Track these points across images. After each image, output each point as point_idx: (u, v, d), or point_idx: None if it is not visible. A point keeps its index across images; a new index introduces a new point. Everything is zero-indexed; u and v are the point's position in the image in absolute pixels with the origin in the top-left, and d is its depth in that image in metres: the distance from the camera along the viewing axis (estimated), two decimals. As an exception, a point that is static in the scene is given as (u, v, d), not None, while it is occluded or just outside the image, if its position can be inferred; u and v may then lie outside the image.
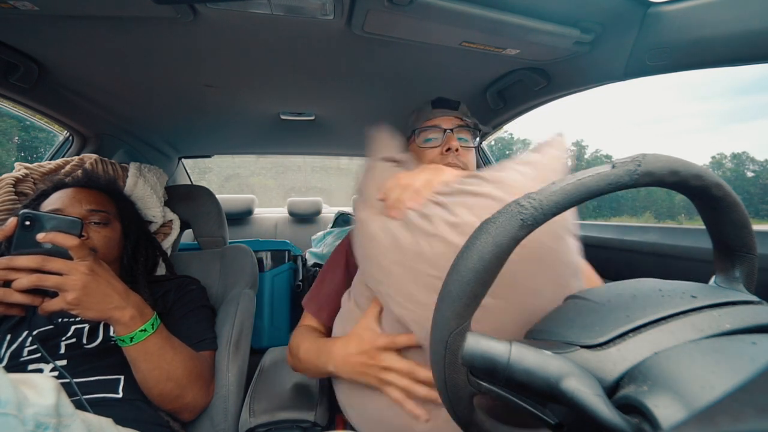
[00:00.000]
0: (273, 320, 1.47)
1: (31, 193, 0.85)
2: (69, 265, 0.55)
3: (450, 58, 0.84)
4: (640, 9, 0.65)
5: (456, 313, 0.31)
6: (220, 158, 2.13)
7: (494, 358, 0.29)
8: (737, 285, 0.35)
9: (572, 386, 0.26)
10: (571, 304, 0.35)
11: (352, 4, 0.63)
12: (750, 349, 0.24)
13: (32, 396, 0.43)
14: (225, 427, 0.78)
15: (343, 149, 1.90)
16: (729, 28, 0.59)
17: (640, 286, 0.34)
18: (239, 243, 1.14)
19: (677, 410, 0.22)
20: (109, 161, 1.01)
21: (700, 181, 0.31)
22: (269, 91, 1.03)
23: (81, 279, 0.56)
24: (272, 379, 0.92)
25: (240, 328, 0.90)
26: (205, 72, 0.90)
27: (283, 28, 0.70)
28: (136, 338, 0.62)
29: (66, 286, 0.55)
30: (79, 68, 0.86)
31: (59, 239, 0.55)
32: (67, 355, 0.69)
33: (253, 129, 1.43)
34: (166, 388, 0.66)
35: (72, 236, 0.56)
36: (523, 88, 0.97)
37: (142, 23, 0.68)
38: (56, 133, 1.28)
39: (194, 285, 0.89)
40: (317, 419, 0.79)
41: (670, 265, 0.81)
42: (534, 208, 0.29)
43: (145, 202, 0.99)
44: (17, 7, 0.60)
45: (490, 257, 0.30)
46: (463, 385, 0.32)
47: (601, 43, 0.73)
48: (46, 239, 0.55)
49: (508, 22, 0.66)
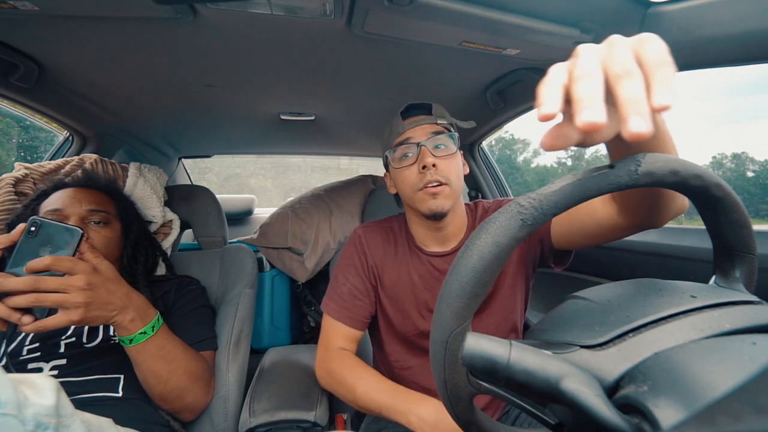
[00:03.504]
0: (273, 320, 1.47)
1: (31, 193, 0.85)
2: (65, 282, 0.53)
3: (450, 58, 0.84)
4: (640, 9, 0.65)
5: (456, 313, 0.31)
6: (219, 158, 2.12)
7: (494, 358, 0.29)
8: (737, 285, 0.35)
9: (572, 386, 0.26)
10: (571, 304, 0.35)
11: (352, 4, 0.62)
12: (750, 349, 0.24)
13: (32, 396, 0.43)
14: (225, 427, 0.78)
15: (343, 149, 1.90)
16: (729, 28, 0.59)
17: (640, 286, 0.34)
18: (239, 243, 1.14)
19: (677, 410, 0.22)
20: (109, 161, 1.02)
21: (700, 181, 0.31)
22: (269, 91, 1.03)
23: (81, 296, 0.54)
24: (272, 379, 0.92)
25: (240, 328, 0.90)
26: (205, 72, 0.90)
27: (283, 28, 0.70)
28: (135, 340, 0.62)
29: (67, 304, 0.53)
30: (79, 68, 0.86)
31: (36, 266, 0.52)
32: (66, 354, 0.69)
33: (253, 129, 1.43)
34: (166, 387, 0.66)
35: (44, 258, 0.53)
36: (523, 88, 0.97)
37: (142, 23, 0.68)
38: (56, 133, 1.28)
39: (194, 285, 0.89)
40: (317, 419, 0.79)
41: (670, 265, 0.81)
42: (534, 208, 0.29)
43: (145, 202, 0.99)
44: (17, 7, 0.60)
45: (490, 257, 0.30)
46: (463, 385, 0.32)
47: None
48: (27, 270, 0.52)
49: (508, 22, 0.66)
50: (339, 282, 0.79)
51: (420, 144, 0.69)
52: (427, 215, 0.70)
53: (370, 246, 0.81)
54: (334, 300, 0.78)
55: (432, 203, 0.69)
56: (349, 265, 0.80)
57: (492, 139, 1.55)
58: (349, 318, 0.76)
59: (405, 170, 0.71)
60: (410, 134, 0.72)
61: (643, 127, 0.24)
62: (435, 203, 0.68)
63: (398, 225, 0.84)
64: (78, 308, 0.54)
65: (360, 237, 0.82)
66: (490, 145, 1.60)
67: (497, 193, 1.54)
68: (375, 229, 0.84)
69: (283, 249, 1.40)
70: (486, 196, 1.54)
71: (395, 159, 0.73)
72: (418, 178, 0.69)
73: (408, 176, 0.71)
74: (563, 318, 0.34)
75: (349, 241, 0.83)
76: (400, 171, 0.72)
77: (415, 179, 0.70)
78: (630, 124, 0.24)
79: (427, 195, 0.69)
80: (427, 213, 0.70)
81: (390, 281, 0.78)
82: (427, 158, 0.67)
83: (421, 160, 0.68)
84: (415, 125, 0.72)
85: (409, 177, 0.71)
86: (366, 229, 0.84)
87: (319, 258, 1.36)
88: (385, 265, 0.79)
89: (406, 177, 0.72)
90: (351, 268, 0.80)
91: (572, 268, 1.12)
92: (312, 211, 1.41)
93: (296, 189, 2.69)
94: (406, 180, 0.71)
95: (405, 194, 0.74)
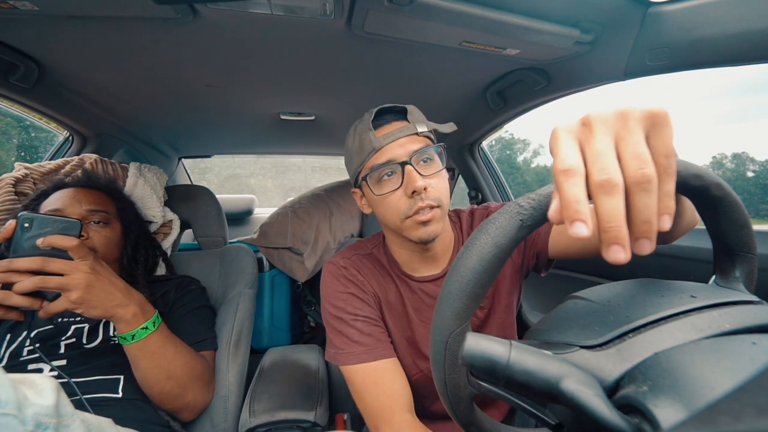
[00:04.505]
0: (273, 320, 1.47)
1: (31, 193, 0.85)
2: (70, 265, 0.56)
3: (450, 58, 0.84)
4: (640, 9, 0.65)
5: (456, 313, 0.31)
6: (219, 158, 2.13)
7: (494, 358, 0.29)
8: (737, 285, 0.35)
9: (572, 386, 0.26)
10: (570, 304, 0.35)
11: (352, 4, 0.62)
12: (750, 349, 0.24)
13: (32, 396, 0.43)
14: (225, 427, 0.78)
15: (343, 149, 1.89)
16: (729, 28, 0.59)
17: (640, 286, 0.34)
18: (239, 243, 1.14)
19: (677, 410, 0.22)
20: (109, 161, 1.02)
21: (700, 181, 0.31)
22: (269, 91, 1.03)
23: (83, 278, 0.56)
24: (272, 379, 0.92)
25: (240, 328, 0.90)
26: (205, 72, 0.90)
27: (283, 28, 0.70)
28: (137, 336, 0.62)
29: (69, 286, 0.55)
30: (79, 68, 0.86)
31: (57, 241, 0.55)
32: (66, 354, 0.69)
33: (253, 129, 1.43)
34: (166, 387, 0.66)
35: (70, 237, 0.56)
36: (523, 88, 0.97)
37: (142, 23, 0.68)
38: (56, 133, 1.28)
39: (194, 285, 0.89)
40: (317, 419, 0.79)
41: (670, 265, 0.81)
42: (533, 209, 0.30)
43: (145, 202, 0.99)
44: (17, 7, 0.60)
45: (489, 258, 0.30)
46: (463, 385, 0.32)
47: (601, 43, 0.73)
48: (44, 243, 0.55)
49: (508, 22, 0.66)
50: (346, 323, 0.64)
51: (404, 164, 0.59)
52: (417, 242, 0.62)
53: (362, 272, 0.69)
54: (351, 343, 0.63)
55: (423, 232, 0.59)
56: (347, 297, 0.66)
57: (492, 139, 1.55)
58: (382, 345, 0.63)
59: (389, 196, 0.60)
60: (389, 153, 0.60)
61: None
62: (427, 231, 0.59)
63: (375, 248, 0.73)
64: (78, 289, 0.55)
65: (345, 267, 0.69)
66: (490, 145, 1.60)
67: (497, 193, 1.54)
68: (355, 257, 0.71)
69: (283, 249, 1.40)
70: (486, 196, 1.54)
71: (373, 183, 0.62)
72: (406, 205, 0.59)
73: (393, 203, 0.60)
74: (563, 318, 0.34)
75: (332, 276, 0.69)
76: (383, 198, 0.61)
77: (402, 206, 0.59)
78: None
79: (418, 224, 0.59)
80: (417, 241, 0.61)
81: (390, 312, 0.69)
82: (416, 182, 0.57)
83: (409, 185, 0.58)
84: (392, 139, 0.60)
85: (395, 204, 0.60)
86: (345, 259, 0.71)
87: (319, 258, 1.36)
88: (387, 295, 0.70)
89: (390, 204, 0.60)
90: (353, 300, 0.66)
91: (572, 268, 1.12)
92: (312, 211, 1.41)
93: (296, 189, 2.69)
94: (391, 207, 0.60)
95: (389, 222, 0.63)
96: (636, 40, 0.69)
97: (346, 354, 0.63)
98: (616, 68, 0.75)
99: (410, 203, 0.59)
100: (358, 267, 0.70)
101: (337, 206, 1.42)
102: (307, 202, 1.46)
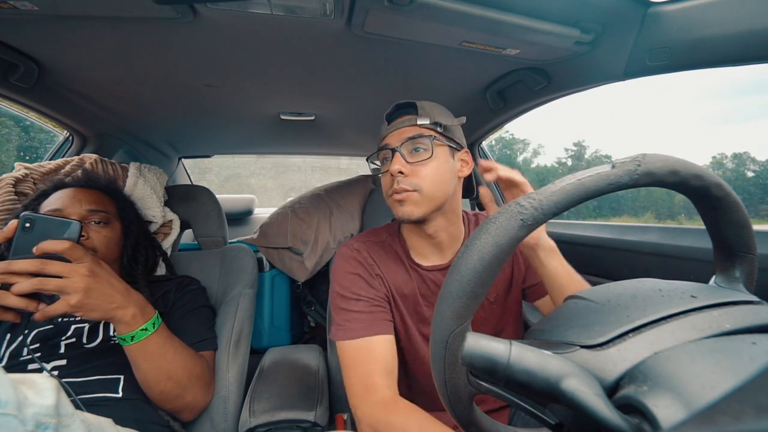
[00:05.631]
0: (273, 320, 1.47)
1: (31, 193, 0.85)
2: (69, 267, 0.55)
3: (450, 58, 0.84)
4: (640, 9, 0.65)
5: (456, 313, 0.31)
6: (220, 158, 2.12)
7: (494, 358, 0.29)
8: (737, 285, 0.35)
9: (572, 386, 0.26)
10: (571, 304, 0.35)
11: (352, 4, 0.62)
12: (750, 349, 0.24)
13: (32, 396, 0.43)
14: (225, 427, 0.78)
15: (343, 149, 1.90)
16: (729, 28, 0.59)
17: (640, 286, 0.34)
18: (239, 243, 1.14)
19: (677, 410, 0.22)
20: (109, 161, 1.02)
21: (700, 181, 0.31)
22: (269, 91, 1.03)
23: (82, 281, 0.55)
24: (272, 379, 0.92)
25: (240, 328, 0.90)
26: (205, 72, 0.90)
27: (283, 28, 0.70)
28: (137, 337, 0.62)
29: (68, 289, 0.54)
30: (79, 68, 0.86)
31: (49, 247, 0.54)
32: (66, 354, 0.69)
33: (253, 129, 1.43)
34: (166, 387, 0.66)
35: (62, 240, 0.55)
36: (523, 88, 0.97)
37: (142, 23, 0.68)
38: (56, 133, 1.28)
39: (194, 285, 0.89)
40: (317, 419, 0.79)
41: (670, 265, 0.81)
42: (534, 208, 0.30)
43: (145, 202, 0.99)
44: (17, 7, 0.60)
45: (490, 257, 0.30)
46: (463, 385, 0.32)
47: (601, 43, 0.73)
48: (37, 251, 0.54)
49: (508, 22, 0.66)
50: (349, 301, 0.69)
51: (395, 149, 0.67)
52: (401, 220, 0.70)
53: (373, 256, 0.74)
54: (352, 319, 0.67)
55: (399, 210, 0.67)
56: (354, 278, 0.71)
57: (492, 139, 1.55)
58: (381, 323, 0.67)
59: (384, 175, 0.71)
60: (388, 139, 0.70)
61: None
62: (402, 210, 0.67)
63: (389, 236, 0.78)
64: (77, 292, 0.55)
65: (357, 250, 0.74)
66: (490, 145, 1.60)
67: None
68: (368, 242, 0.77)
69: (283, 249, 1.40)
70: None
71: (379, 162, 0.74)
72: (388, 184, 0.69)
73: (384, 181, 0.71)
74: (563, 318, 0.34)
75: (343, 258, 0.74)
76: (382, 176, 0.72)
77: (386, 185, 0.70)
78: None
79: (395, 202, 0.68)
80: (399, 218, 0.69)
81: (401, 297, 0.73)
82: (393, 166, 0.66)
83: (390, 168, 0.67)
84: (394, 129, 0.70)
85: (385, 182, 0.71)
86: (359, 242, 0.77)
87: (319, 258, 1.36)
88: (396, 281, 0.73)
89: (383, 182, 0.72)
90: (358, 280, 0.71)
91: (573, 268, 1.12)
92: (312, 211, 1.41)
93: (296, 189, 2.69)
94: (383, 184, 0.72)
95: (384, 197, 0.73)
96: (636, 40, 0.69)
97: (344, 329, 0.67)
98: (616, 68, 0.75)
99: (392, 183, 0.68)
100: (371, 251, 0.75)
101: (337, 206, 1.42)
102: (307, 202, 1.46)
